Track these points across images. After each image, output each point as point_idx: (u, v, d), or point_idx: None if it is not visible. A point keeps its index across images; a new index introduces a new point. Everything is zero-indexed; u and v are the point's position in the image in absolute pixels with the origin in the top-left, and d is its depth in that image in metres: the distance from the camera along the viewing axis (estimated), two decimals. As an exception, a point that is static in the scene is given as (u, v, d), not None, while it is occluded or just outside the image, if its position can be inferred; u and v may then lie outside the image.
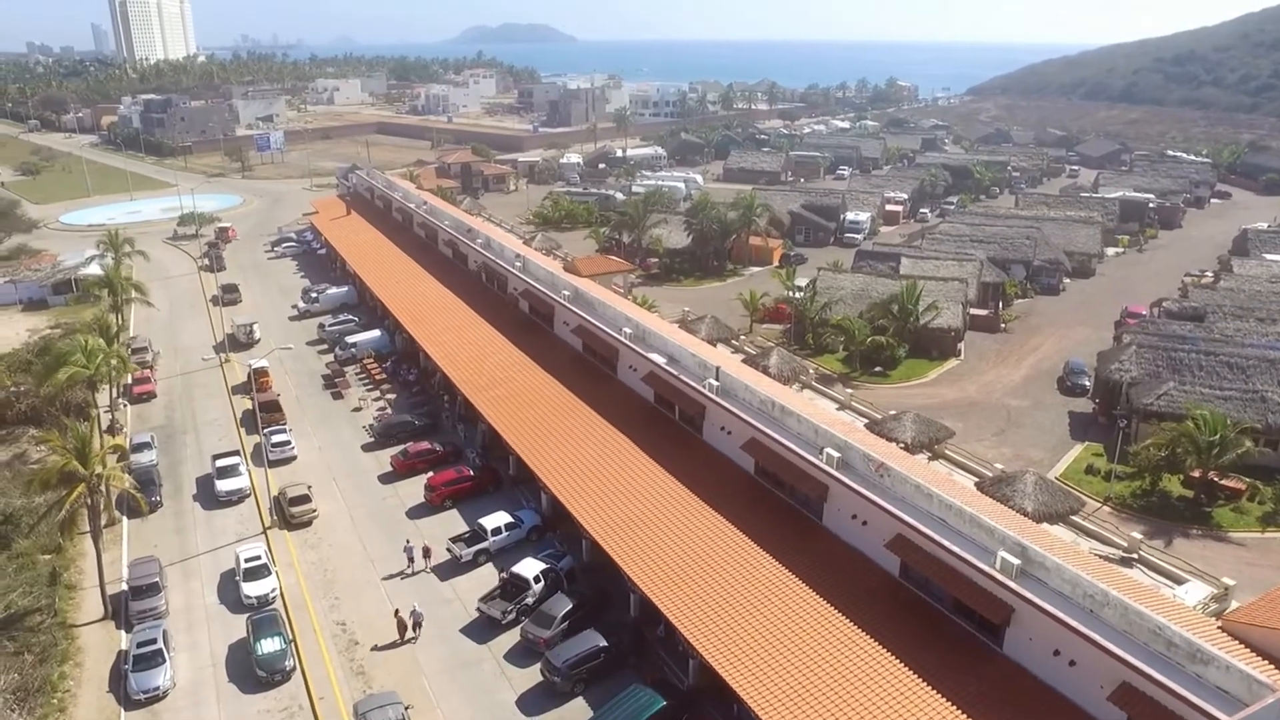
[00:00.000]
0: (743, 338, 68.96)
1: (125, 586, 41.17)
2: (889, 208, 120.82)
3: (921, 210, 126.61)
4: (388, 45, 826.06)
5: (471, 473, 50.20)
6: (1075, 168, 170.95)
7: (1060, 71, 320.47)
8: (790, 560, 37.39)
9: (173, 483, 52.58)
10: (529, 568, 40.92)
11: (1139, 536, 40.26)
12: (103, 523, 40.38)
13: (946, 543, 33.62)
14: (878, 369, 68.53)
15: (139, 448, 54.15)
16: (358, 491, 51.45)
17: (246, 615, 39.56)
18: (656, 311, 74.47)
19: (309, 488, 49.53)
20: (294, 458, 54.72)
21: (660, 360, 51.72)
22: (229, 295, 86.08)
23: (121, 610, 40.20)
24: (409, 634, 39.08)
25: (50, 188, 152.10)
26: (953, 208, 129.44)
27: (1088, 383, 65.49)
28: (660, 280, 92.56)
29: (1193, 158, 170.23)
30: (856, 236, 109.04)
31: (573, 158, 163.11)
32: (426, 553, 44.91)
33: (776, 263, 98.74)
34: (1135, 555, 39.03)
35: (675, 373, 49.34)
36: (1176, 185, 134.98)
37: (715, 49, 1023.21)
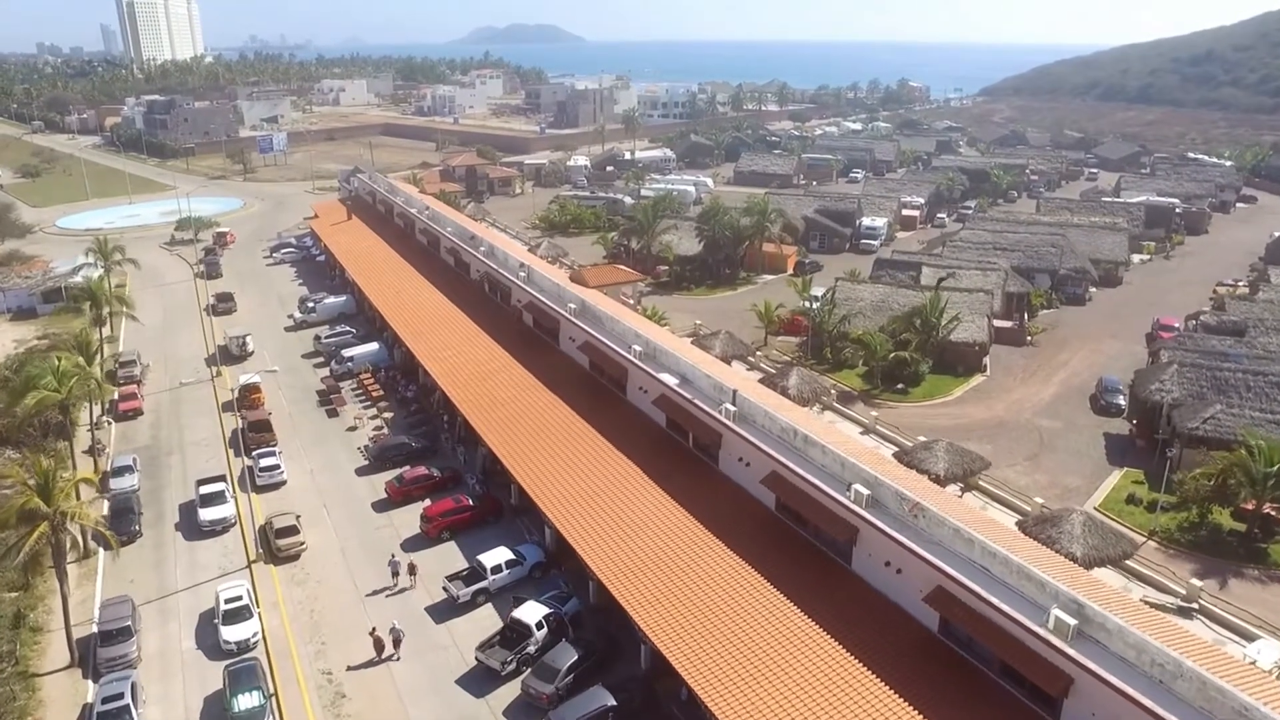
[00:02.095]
0: (759, 353, 65.57)
1: (95, 629, 38.11)
2: (905, 213, 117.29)
3: (939, 215, 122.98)
4: (395, 46, 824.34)
5: (471, 502, 47.02)
6: (1094, 171, 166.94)
7: (1074, 72, 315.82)
8: (817, 610, 34.10)
9: (154, 509, 49.56)
10: (531, 612, 37.72)
11: (1198, 584, 36.79)
12: (68, 561, 37.23)
13: (993, 599, 30.31)
14: (899, 386, 65.10)
15: (120, 471, 51.21)
16: (350, 521, 48.32)
17: (225, 664, 36.46)
18: (667, 324, 71.34)
19: (297, 517, 46.40)
20: (283, 482, 51.63)
21: (672, 381, 48.45)
22: (223, 304, 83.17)
23: (89, 657, 37.12)
24: (387, 652, 36.98)
25: (49, 190, 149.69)
26: (971, 212, 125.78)
27: (1123, 402, 61.98)
28: (670, 289, 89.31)
29: (1215, 160, 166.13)
30: (873, 243, 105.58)
31: (580, 160, 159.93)
32: (412, 569, 42.69)
33: (790, 270, 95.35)
34: (1195, 605, 35.60)
35: (689, 396, 46.05)
36: (1201, 189, 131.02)
37: (723, 49, 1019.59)
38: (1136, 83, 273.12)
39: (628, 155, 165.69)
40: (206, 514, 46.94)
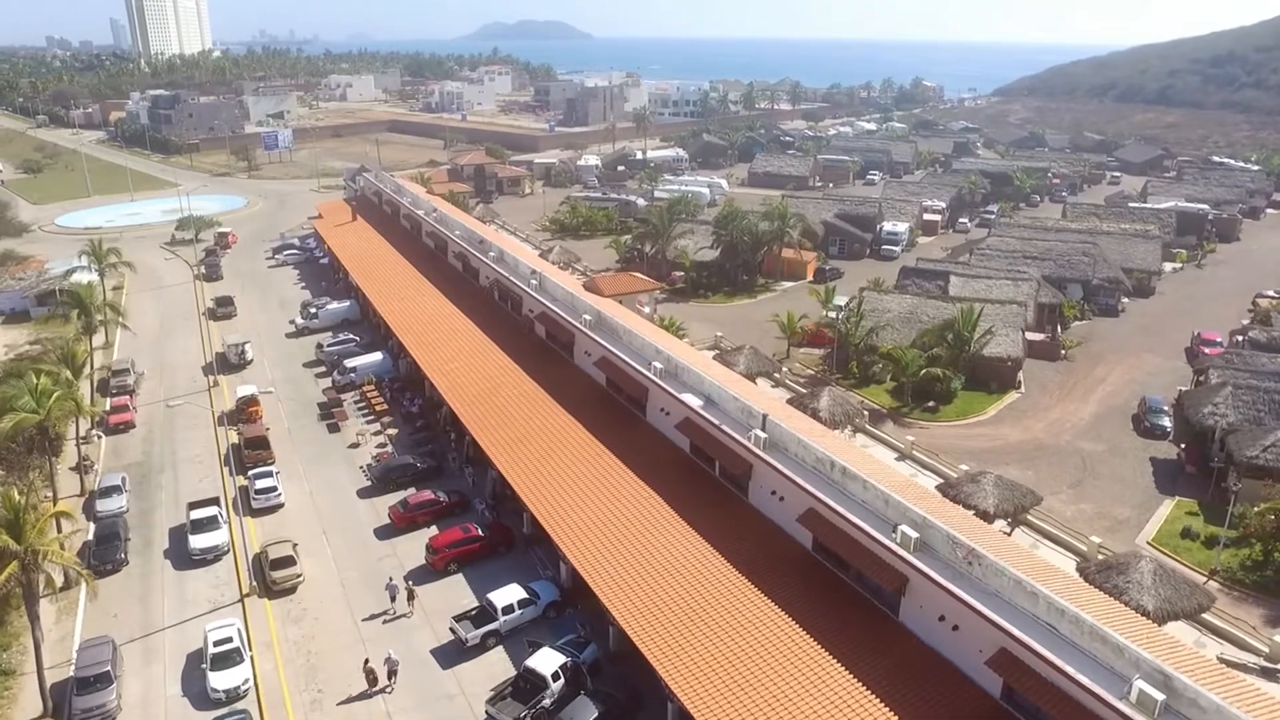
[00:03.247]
0: (784, 370, 62.20)
1: (72, 674, 35.05)
2: (927, 217, 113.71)
3: (961, 220, 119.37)
4: (404, 41, 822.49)
5: (480, 532, 43.82)
6: (1116, 175, 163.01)
7: (1090, 73, 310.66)
8: (864, 667, 30.85)
9: (143, 534, 46.51)
10: (547, 661, 34.54)
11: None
12: (44, 595, 34.10)
13: (1067, 667, 27.02)
14: (930, 404, 61.70)
15: (108, 491, 48.19)
16: (350, 549, 45.20)
17: (213, 716, 33.38)
18: (685, 336, 68.12)
19: (294, 547, 43.29)
20: (281, 505, 48.55)
21: (696, 403, 45.23)
22: (223, 309, 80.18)
23: (65, 706, 34.03)
24: (381, 684, 34.79)
25: (50, 186, 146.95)
26: (993, 217, 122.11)
27: (1168, 423, 58.53)
28: (686, 296, 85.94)
29: (1242, 164, 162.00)
30: (894, 249, 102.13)
31: (591, 159, 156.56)
32: (411, 595, 40.22)
33: (810, 277, 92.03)
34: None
35: (715, 420, 42.79)
36: (1231, 195, 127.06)
37: (732, 47, 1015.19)
38: (1155, 84, 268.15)
39: (639, 155, 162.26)
40: (197, 541, 43.84)
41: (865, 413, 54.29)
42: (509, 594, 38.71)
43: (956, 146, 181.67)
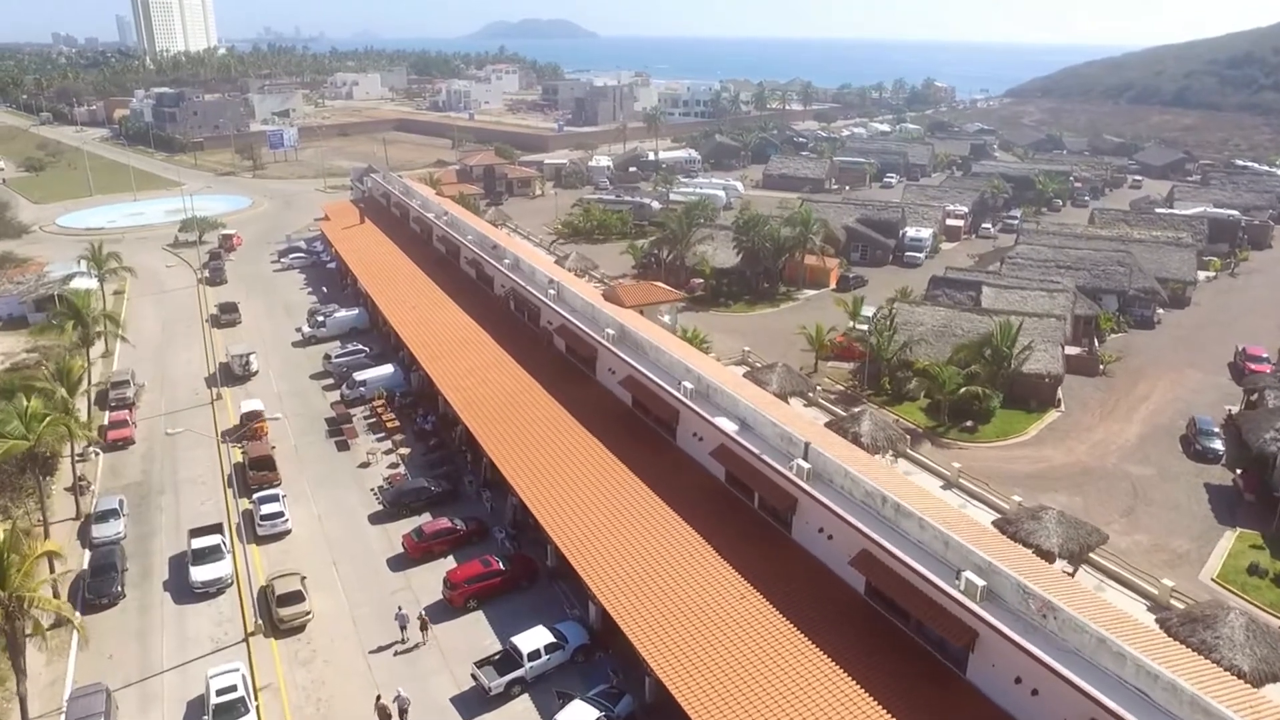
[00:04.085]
0: (818, 389, 59.23)
1: (62, 726, 32.31)
2: (950, 222, 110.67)
3: (984, 225, 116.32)
4: (409, 40, 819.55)
5: (501, 566, 40.96)
6: (1138, 178, 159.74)
7: (1105, 73, 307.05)
8: (930, 732, 28.01)
9: (141, 562, 43.74)
10: (580, 717, 31.69)
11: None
12: (24, 659, 31.22)
13: (1171, 745, 24.15)
14: (968, 423, 58.76)
15: (104, 516, 45.40)
16: (362, 581, 42.37)
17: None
18: (709, 349, 65.26)
19: (303, 580, 40.51)
20: (288, 532, 45.76)
21: (731, 428, 42.36)
22: (227, 315, 77.39)
23: (54, 763, 31.34)
24: None
25: (52, 185, 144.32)
26: (1016, 222, 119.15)
27: (1220, 446, 55.55)
28: (705, 304, 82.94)
29: (1268, 168, 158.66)
30: (918, 255, 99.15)
31: (602, 160, 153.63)
32: (424, 625, 37.76)
33: (833, 285, 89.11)
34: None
35: (753, 449, 39.89)
36: (1261, 200, 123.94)
37: (734, 46, 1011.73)
38: (1171, 85, 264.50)
39: (651, 156, 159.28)
40: (199, 573, 41.05)
41: (908, 437, 51.25)
42: (535, 637, 35.88)
43: (973, 149, 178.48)
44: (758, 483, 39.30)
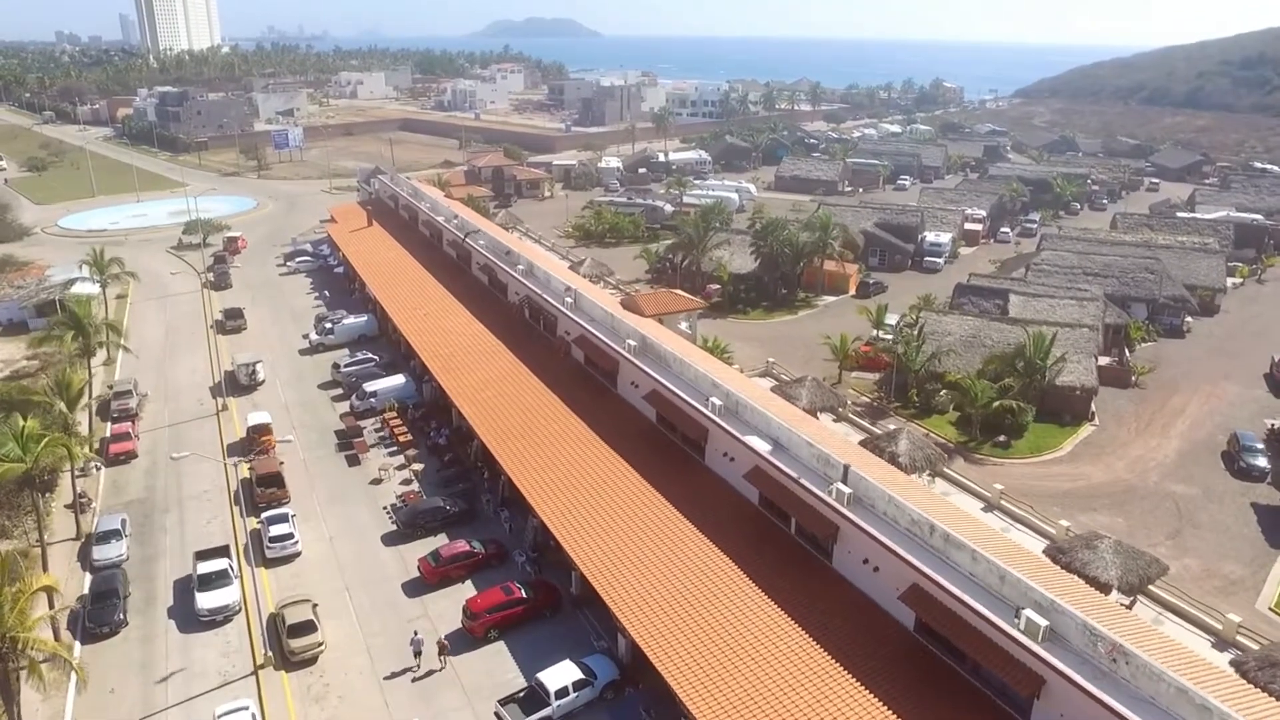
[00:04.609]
0: (849, 403, 57.08)
1: (61, 771, 30.35)
2: (968, 226, 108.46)
3: (1002, 229, 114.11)
4: (412, 38, 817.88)
5: (523, 593, 38.89)
6: (1155, 181, 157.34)
7: (1115, 74, 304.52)
8: (996, 792, 25.93)
9: (144, 586, 41.74)
10: (610, 763, 29.68)
11: None
12: (17, 705, 29.21)
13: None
14: (1001, 438, 56.63)
15: (106, 537, 43.42)
16: (377, 609, 40.34)
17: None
18: (730, 358, 63.19)
19: (314, 607, 38.49)
20: (298, 554, 43.73)
21: (764, 448, 40.27)
22: (233, 321, 75.38)
23: (51, 813, 29.34)
24: None
25: (55, 185, 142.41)
26: (1035, 226, 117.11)
27: (1265, 463, 53.40)
28: (723, 311, 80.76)
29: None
30: (937, 261, 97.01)
31: (612, 162, 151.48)
32: (442, 649, 35.99)
33: (853, 291, 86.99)
34: None
35: (790, 471, 37.79)
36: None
37: (738, 45, 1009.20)
38: (1183, 86, 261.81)
39: (661, 157, 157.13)
40: (205, 600, 39.05)
41: (945, 456, 49.13)
42: (562, 674, 33.81)
43: (986, 150, 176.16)
44: (795, 508, 37.22)
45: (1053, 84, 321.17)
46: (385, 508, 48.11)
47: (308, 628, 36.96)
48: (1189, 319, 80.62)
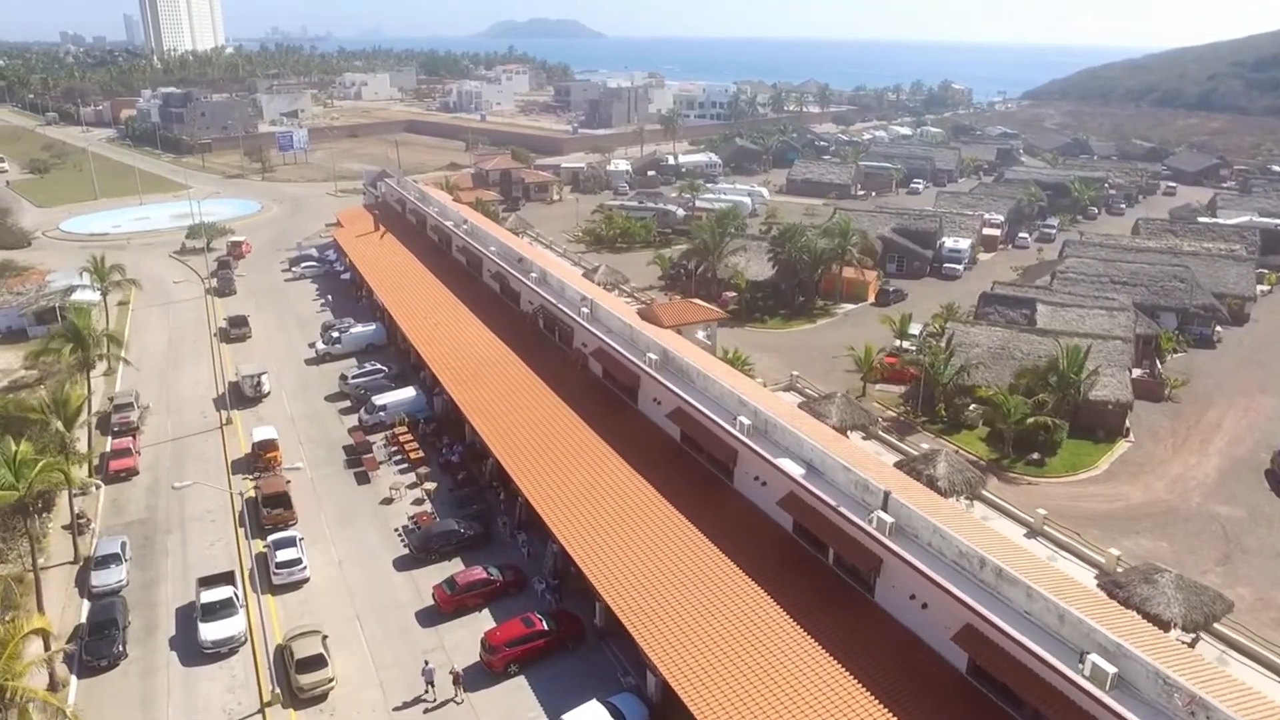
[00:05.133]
0: (880, 421, 54.92)
1: (55, 822, 28.33)
2: (986, 231, 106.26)
3: (1020, 235, 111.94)
4: (417, 39, 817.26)
5: (544, 625, 36.83)
6: (1172, 185, 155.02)
7: (1126, 76, 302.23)
8: None
9: (145, 614, 39.74)
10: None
11: None
12: None
13: None
14: (1035, 455, 54.48)
15: (105, 561, 41.43)
16: (389, 638, 38.31)
17: None
18: (751, 371, 61.14)
19: (324, 639, 36.45)
20: (305, 580, 41.72)
21: (797, 472, 38.19)
22: (237, 329, 73.41)
23: None
24: None
25: (57, 188, 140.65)
26: (1053, 231, 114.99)
27: (1312, 483, 51.23)
28: (740, 319, 78.58)
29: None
30: (957, 267, 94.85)
31: (621, 164, 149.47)
32: (456, 679, 34.22)
33: (872, 299, 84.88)
34: None
35: (828, 499, 35.71)
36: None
37: (740, 46, 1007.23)
38: (1195, 88, 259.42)
39: (670, 160, 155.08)
40: (209, 631, 37.03)
41: (985, 478, 47.00)
42: (589, 716, 31.74)
43: (999, 153, 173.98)
44: (833, 537, 35.15)
45: (1062, 85, 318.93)
46: (397, 530, 46.12)
47: (317, 662, 34.93)
48: (1219, 328, 78.42)
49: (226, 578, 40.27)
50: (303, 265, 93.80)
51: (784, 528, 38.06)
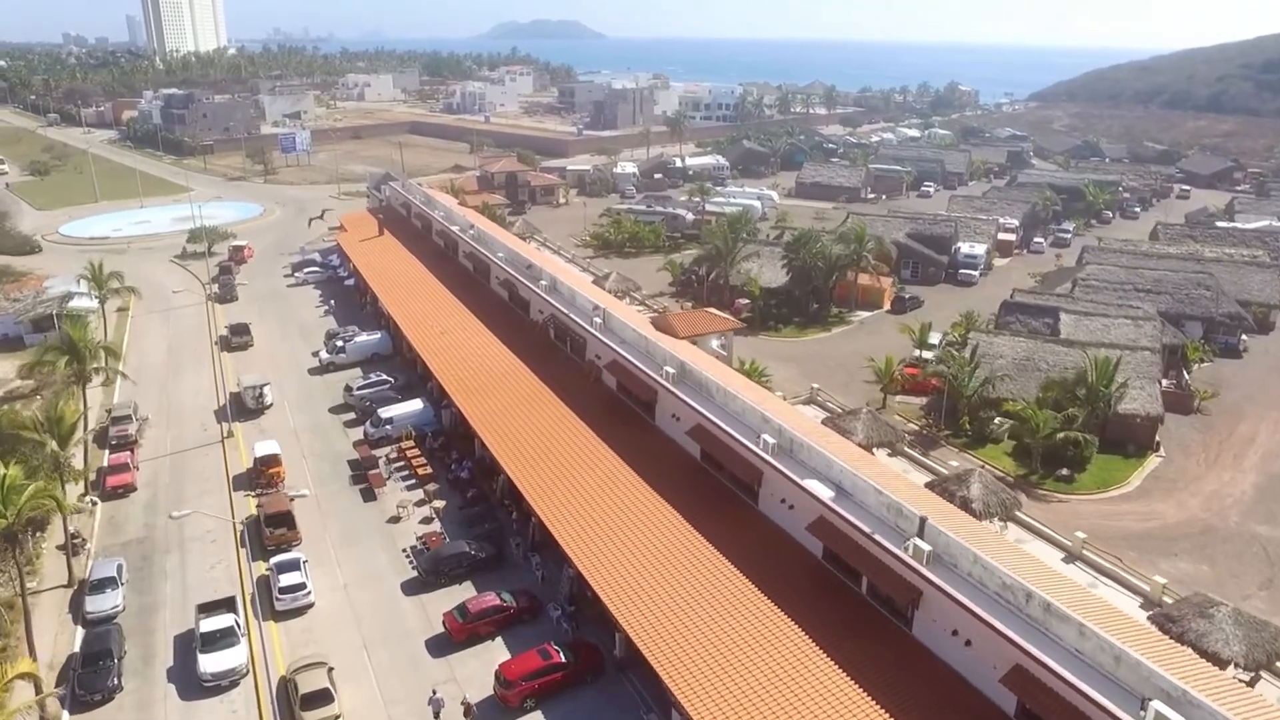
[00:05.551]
0: (906, 437, 53.00)
1: None
2: (1001, 236, 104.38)
3: (1036, 240, 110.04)
4: (418, 40, 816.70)
5: (562, 657, 34.96)
6: (1185, 188, 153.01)
7: (1134, 77, 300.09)
8: None
9: (141, 642, 37.91)
10: None
11: None
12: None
13: None
14: (1064, 471, 52.60)
15: (100, 585, 39.62)
16: (398, 668, 36.47)
17: None
18: (769, 383, 59.32)
19: (330, 671, 34.60)
20: (310, 605, 39.87)
21: (825, 494, 36.36)
22: (238, 337, 71.59)
23: None
24: None
25: (57, 190, 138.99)
26: (1068, 236, 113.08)
27: (1354, 501, 49.29)
28: (753, 327, 76.69)
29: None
30: (972, 273, 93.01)
31: (628, 167, 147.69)
32: (468, 711, 32.71)
33: (888, 306, 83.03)
34: None
35: (862, 526, 33.83)
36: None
37: (741, 47, 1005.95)
38: (1205, 90, 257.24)
39: (678, 162, 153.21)
40: (209, 662, 35.18)
41: (1020, 499, 45.08)
42: (610, 759, 29.94)
43: (1010, 156, 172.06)
44: (867, 565, 33.26)
45: (1068, 87, 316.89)
46: (404, 550, 44.27)
47: (323, 697, 33.10)
48: (1244, 337, 76.50)
49: (227, 604, 38.44)
50: (306, 271, 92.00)
51: (813, 554, 36.17)
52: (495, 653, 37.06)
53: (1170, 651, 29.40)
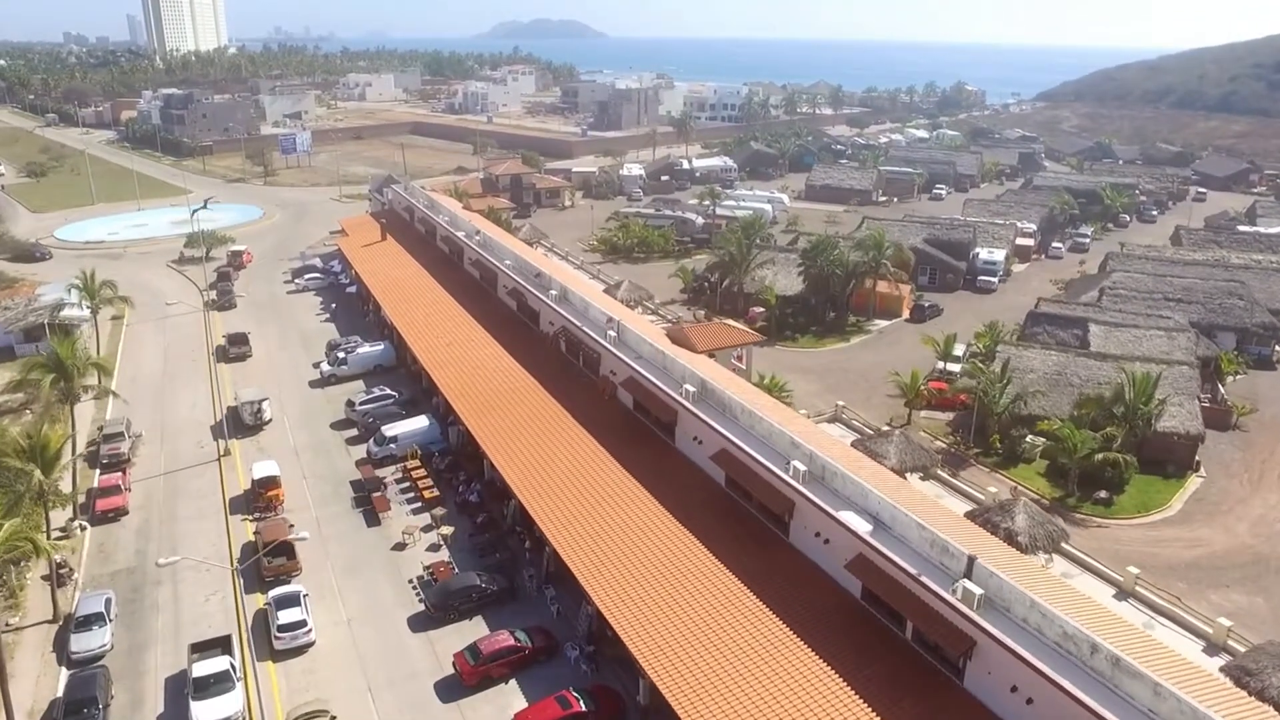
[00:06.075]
0: (938, 459, 50.35)
1: None
2: (1019, 241, 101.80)
3: (1054, 244, 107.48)
4: (419, 39, 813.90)
5: (583, 706, 32.46)
6: (1201, 191, 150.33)
7: (1142, 77, 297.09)
8: None
9: (131, 684, 35.45)
10: None
11: None
12: None
13: None
14: (1102, 493, 50.06)
15: (87, 622, 37.16)
16: (405, 716, 33.94)
17: None
18: (790, 400, 56.78)
19: (332, 720, 32.17)
20: (311, 644, 37.37)
21: (863, 528, 33.86)
22: (237, 348, 69.07)
23: None
24: None
25: (54, 192, 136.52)
26: (1087, 240, 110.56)
27: None
28: (769, 336, 73.83)
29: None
30: (991, 280, 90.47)
31: (634, 169, 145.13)
32: None
33: (906, 314, 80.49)
34: None
35: (907, 566, 31.30)
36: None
37: (742, 47, 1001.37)
38: (1215, 90, 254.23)
39: (685, 164, 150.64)
40: (202, 711, 32.65)
41: (1067, 531, 42.46)
42: (638, 828, 27.44)
43: (1021, 158, 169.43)
44: (912, 610, 30.76)
45: (1075, 87, 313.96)
46: (411, 581, 41.78)
47: (325, 752, 30.63)
48: (1278, 348, 73.92)
49: (222, 643, 35.94)
50: (306, 277, 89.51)
51: (851, 593, 33.66)
52: (509, 697, 34.62)
53: (1253, 712, 26.93)
